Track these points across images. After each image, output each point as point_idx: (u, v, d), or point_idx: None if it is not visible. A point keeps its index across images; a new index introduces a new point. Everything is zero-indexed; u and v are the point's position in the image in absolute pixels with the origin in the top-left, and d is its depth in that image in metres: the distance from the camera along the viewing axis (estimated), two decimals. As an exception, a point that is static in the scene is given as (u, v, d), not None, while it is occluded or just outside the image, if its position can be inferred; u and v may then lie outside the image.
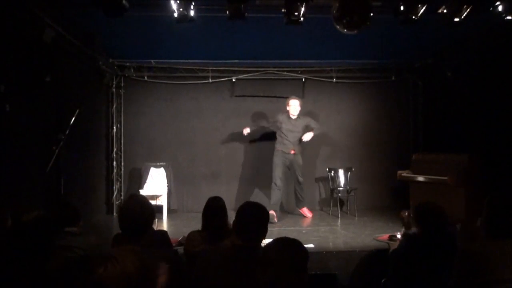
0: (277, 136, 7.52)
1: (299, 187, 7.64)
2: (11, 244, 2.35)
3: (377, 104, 8.82)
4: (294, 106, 7.41)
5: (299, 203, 7.78)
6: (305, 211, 7.73)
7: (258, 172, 8.36)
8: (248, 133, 7.75)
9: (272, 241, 2.21)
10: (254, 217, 2.71)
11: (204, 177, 8.53)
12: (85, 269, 1.51)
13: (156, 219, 4.74)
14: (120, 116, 8.46)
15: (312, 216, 7.73)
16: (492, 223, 2.61)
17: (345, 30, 4.85)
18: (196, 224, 4.46)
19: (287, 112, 7.45)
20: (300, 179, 7.58)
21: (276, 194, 7.34)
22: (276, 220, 7.04)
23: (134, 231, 2.66)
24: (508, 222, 2.55)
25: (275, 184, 7.34)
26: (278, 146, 7.48)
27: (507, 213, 2.58)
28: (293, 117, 7.44)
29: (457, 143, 7.28)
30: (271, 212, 6.69)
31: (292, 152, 7.41)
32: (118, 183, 8.44)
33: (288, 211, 8.17)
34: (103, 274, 1.45)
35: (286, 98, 7.61)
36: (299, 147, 7.54)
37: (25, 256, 2.28)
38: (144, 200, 2.90)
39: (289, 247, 2.14)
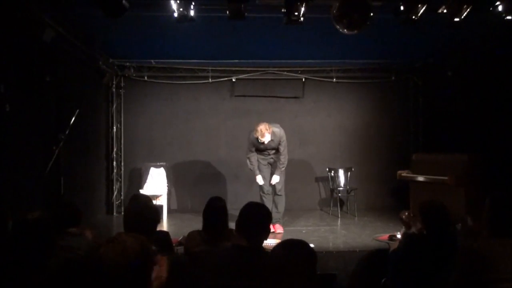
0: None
1: (277, 198, 6.69)
2: (13, 244, 2.36)
3: (377, 104, 8.82)
4: (261, 133, 6.35)
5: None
6: (277, 227, 6.52)
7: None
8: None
9: (279, 243, 2.17)
10: (257, 217, 2.73)
11: (204, 177, 8.53)
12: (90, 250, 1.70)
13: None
14: (120, 116, 8.46)
15: (312, 216, 7.72)
16: (493, 222, 2.61)
17: (345, 30, 4.84)
18: (196, 224, 4.44)
19: (256, 137, 6.44)
20: (278, 187, 6.64)
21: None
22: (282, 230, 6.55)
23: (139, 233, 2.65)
24: (509, 221, 2.56)
25: (263, 192, 6.63)
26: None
27: (508, 212, 2.58)
28: (265, 140, 6.43)
29: (457, 143, 7.28)
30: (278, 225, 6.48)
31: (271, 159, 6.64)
32: (118, 183, 8.44)
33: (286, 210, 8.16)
34: (104, 253, 1.64)
35: (286, 98, 7.50)
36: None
37: (27, 255, 2.29)
38: (149, 201, 2.91)
39: (297, 249, 2.10)
